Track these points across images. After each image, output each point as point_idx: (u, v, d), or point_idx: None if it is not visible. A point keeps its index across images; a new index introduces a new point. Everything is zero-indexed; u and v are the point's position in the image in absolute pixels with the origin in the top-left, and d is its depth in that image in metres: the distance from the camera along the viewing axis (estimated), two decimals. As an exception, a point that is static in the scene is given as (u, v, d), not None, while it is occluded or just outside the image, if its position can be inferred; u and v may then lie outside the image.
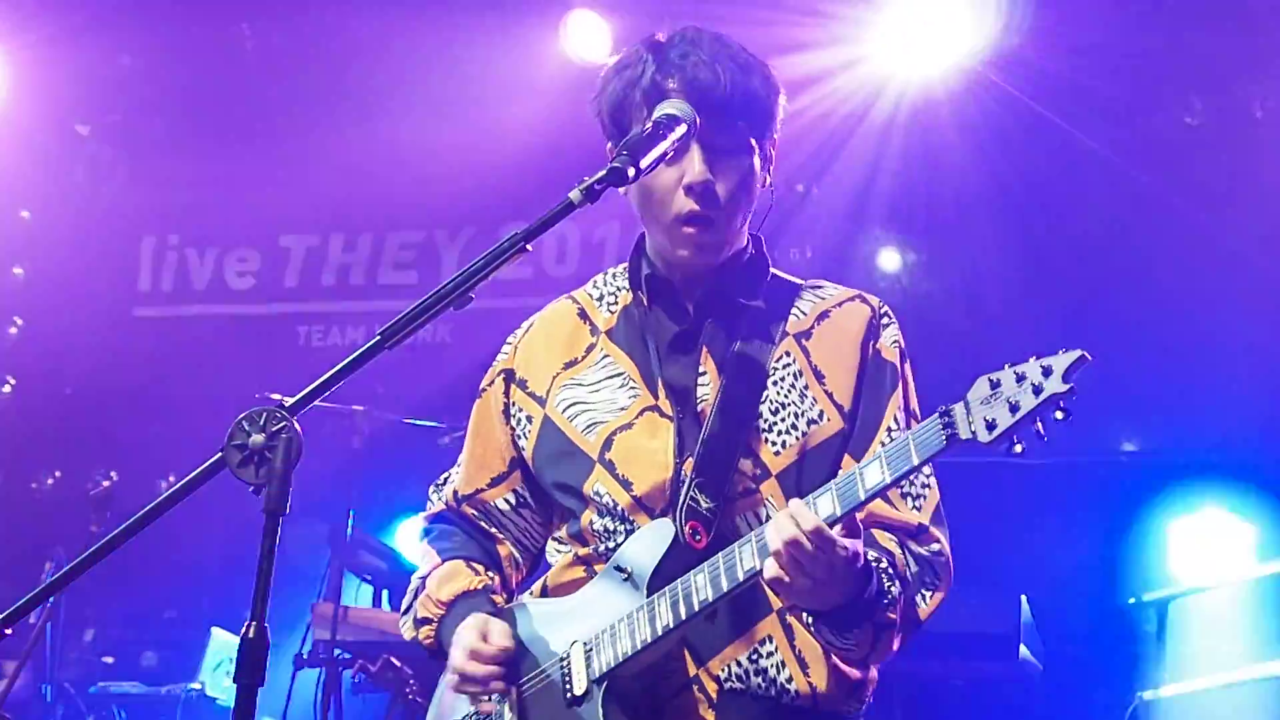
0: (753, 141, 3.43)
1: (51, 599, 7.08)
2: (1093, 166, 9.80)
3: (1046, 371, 2.83)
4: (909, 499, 3.35)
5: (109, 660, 11.17)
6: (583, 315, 3.62)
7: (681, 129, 3.25)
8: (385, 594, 9.75)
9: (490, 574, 3.57)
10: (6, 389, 12.08)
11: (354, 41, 10.50)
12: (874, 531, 3.28)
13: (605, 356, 3.51)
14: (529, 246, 3.00)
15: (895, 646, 3.26)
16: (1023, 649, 7.84)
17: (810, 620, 3.18)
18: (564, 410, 3.47)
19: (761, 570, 3.04)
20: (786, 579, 2.98)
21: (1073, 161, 9.81)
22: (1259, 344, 9.50)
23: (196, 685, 9.29)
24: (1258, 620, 8.84)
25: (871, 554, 3.17)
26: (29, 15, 10.42)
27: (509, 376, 3.64)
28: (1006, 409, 2.85)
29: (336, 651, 8.21)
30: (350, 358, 2.87)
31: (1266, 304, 9.46)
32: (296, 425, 2.70)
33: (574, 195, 3.05)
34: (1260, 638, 8.56)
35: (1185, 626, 8.74)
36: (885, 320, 3.51)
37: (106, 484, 9.70)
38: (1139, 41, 9.35)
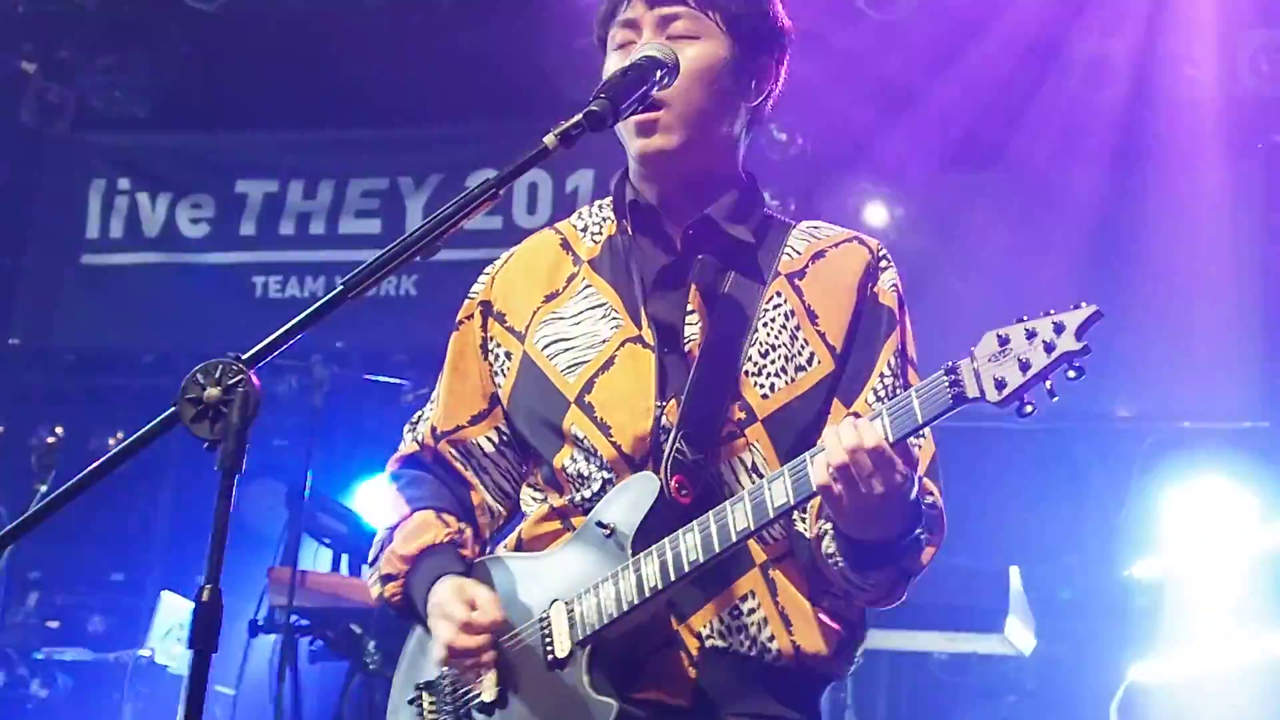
0: (715, 29, 3.41)
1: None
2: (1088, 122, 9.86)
3: (1059, 328, 2.81)
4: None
5: (54, 625, 11.16)
6: (565, 246, 3.59)
7: (661, 73, 3.24)
8: (345, 558, 9.76)
9: (461, 524, 3.53)
10: (-53, 340, 12.03)
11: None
12: None
13: (587, 286, 3.48)
14: (500, 193, 2.97)
15: (905, 593, 3.25)
16: (1012, 621, 7.86)
17: (833, 552, 3.17)
18: (544, 348, 3.44)
19: (799, 506, 3.06)
20: (840, 490, 2.96)
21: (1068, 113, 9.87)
22: (1257, 309, 9.58)
23: (145, 652, 9.28)
24: (1253, 595, 8.91)
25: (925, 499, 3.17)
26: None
27: (486, 309, 3.59)
28: (1017, 367, 2.83)
29: (294, 618, 8.20)
30: (311, 309, 2.83)
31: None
32: (254, 379, 2.68)
33: (549, 140, 3.01)
34: (1258, 615, 8.62)
35: (1179, 601, 8.79)
36: (884, 264, 3.48)
37: (51, 440, 9.69)
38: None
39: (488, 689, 3.28)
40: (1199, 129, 9.75)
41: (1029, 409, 2.85)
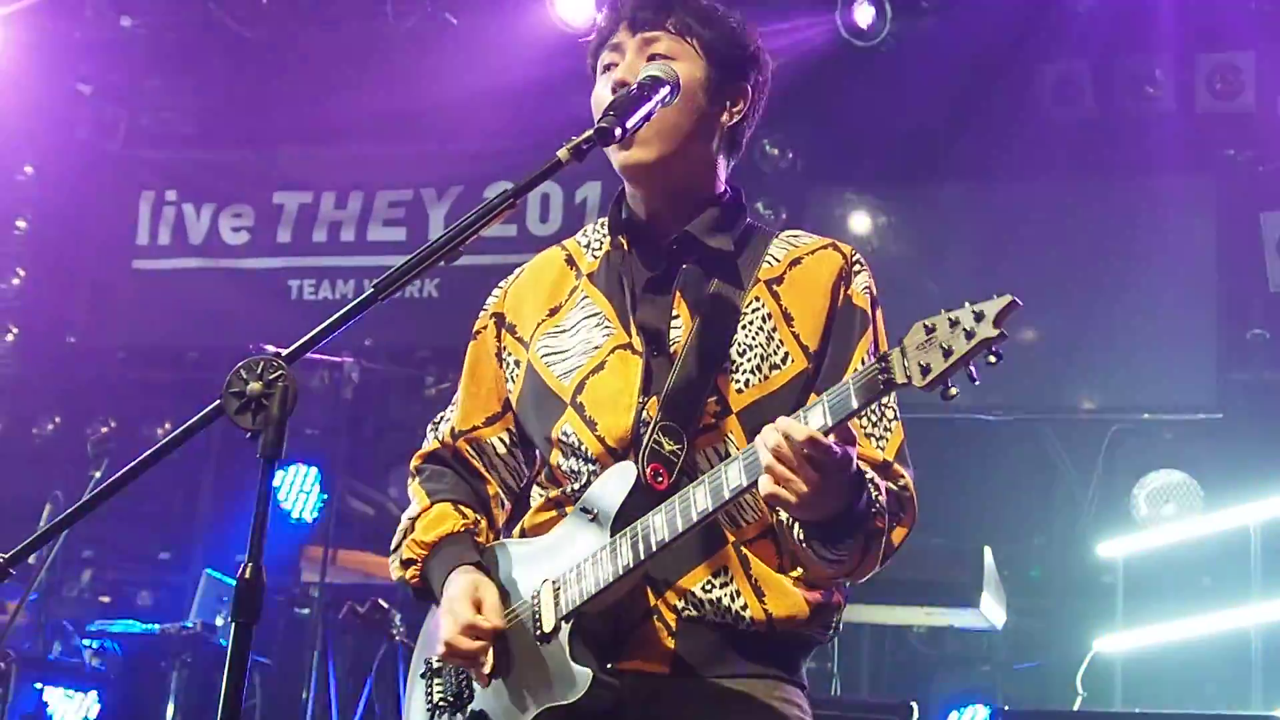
0: (693, 52, 3.42)
1: (52, 541, 7.08)
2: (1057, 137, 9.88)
3: (979, 317, 2.80)
4: (873, 439, 3.31)
5: (105, 600, 11.18)
6: (569, 261, 3.61)
7: (665, 90, 3.26)
8: (373, 538, 9.76)
9: (477, 515, 3.57)
10: (9, 338, 12.05)
11: (346, 7, 10.46)
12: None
13: (585, 298, 3.50)
14: (516, 203, 2.99)
15: (879, 560, 3.22)
16: (986, 597, 7.86)
17: (803, 537, 3.15)
18: (543, 356, 3.46)
19: (752, 487, 3.02)
20: (782, 492, 2.95)
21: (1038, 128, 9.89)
22: (1212, 310, 9.61)
23: (190, 625, 9.28)
24: (1210, 575, 8.91)
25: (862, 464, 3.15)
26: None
27: (499, 320, 3.62)
28: (940, 354, 2.82)
29: (326, 593, 8.21)
30: (344, 310, 2.84)
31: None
32: (293, 374, 2.69)
33: (562, 154, 3.04)
34: (1213, 592, 8.62)
35: (1142, 580, 8.78)
36: (857, 268, 3.46)
37: (105, 430, 9.72)
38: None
39: (486, 661, 3.31)
40: (1159, 143, 9.77)
41: (953, 392, 2.84)
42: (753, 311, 3.38)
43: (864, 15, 9.57)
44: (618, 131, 3.12)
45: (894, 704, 7.31)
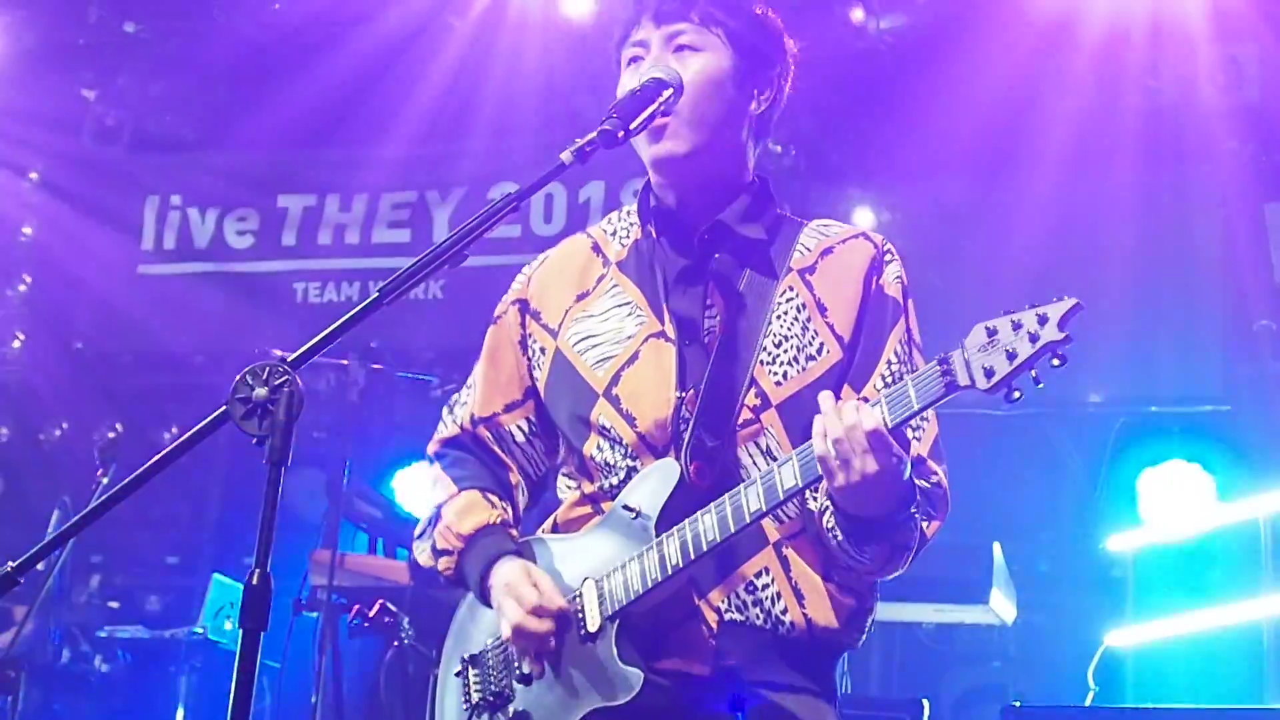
0: (719, 42, 3.43)
1: (60, 548, 7.09)
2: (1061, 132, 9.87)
3: (1042, 320, 2.81)
4: (909, 430, 3.29)
5: (114, 605, 11.19)
6: (596, 249, 3.60)
7: (668, 92, 3.28)
8: (380, 542, 9.76)
9: (505, 504, 3.55)
10: (16, 344, 12.06)
11: (349, 10, 10.45)
12: None
13: (615, 286, 3.49)
14: (520, 205, 3.00)
15: (903, 566, 3.26)
16: (996, 593, 7.85)
17: (832, 526, 3.17)
18: (575, 344, 3.45)
19: (807, 488, 3.07)
20: (836, 464, 2.98)
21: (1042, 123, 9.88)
22: (1217, 301, 9.61)
23: (198, 629, 9.29)
24: (1220, 568, 8.89)
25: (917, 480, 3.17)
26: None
27: (524, 307, 3.61)
28: (1004, 357, 2.83)
29: (334, 597, 8.21)
30: (350, 313, 2.85)
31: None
32: (298, 379, 2.69)
33: (565, 156, 3.06)
34: (1224, 585, 8.60)
35: (1152, 574, 8.77)
36: (888, 257, 3.47)
37: (112, 435, 9.69)
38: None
39: (527, 661, 3.30)
40: (1163, 136, 9.76)
41: (1016, 395, 2.85)
42: (786, 301, 3.37)
43: (858, 14, 9.58)
44: (620, 134, 3.14)
45: (905, 701, 7.31)
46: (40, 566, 7.60)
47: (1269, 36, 9.48)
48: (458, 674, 3.49)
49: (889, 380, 3.30)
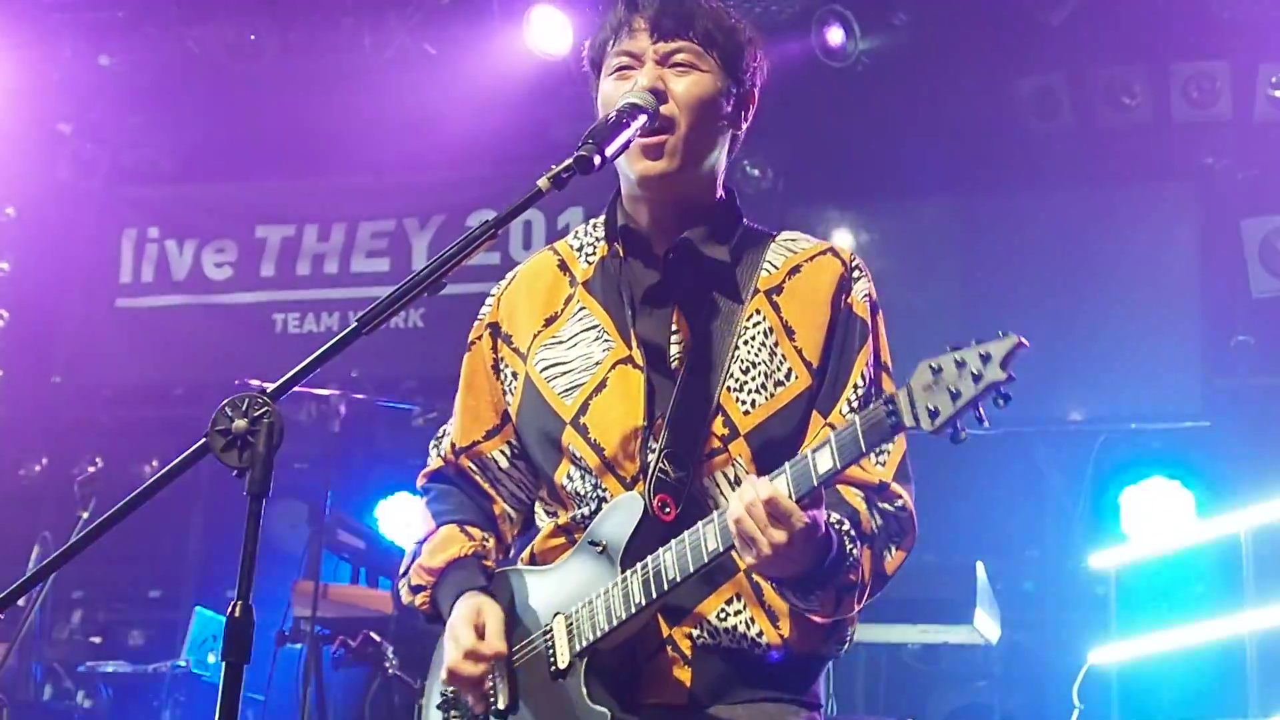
0: (713, 65, 3.38)
1: (41, 583, 7.05)
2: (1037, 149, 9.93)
3: (985, 359, 2.75)
4: (873, 455, 3.24)
5: (96, 640, 11.14)
6: (562, 266, 3.57)
7: (643, 119, 3.23)
8: (363, 571, 9.74)
9: (485, 535, 3.53)
10: (-6, 379, 12.02)
11: (326, 40, 10.46)
12: (839, 488, 3.22)
13: (581, 309, 3.45)
14: (499, 232, 2.98)
15: (860, 604, 3.20)
16: (980, 613, 7.85)
17: (775, 585, 3.15)
18: (542, 371, 3.42)
19: (726, 550, 3.02)
20: (748, 555, 2.95)
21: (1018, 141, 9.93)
22: (1195, 318, 9.65)
23: (182, 663, 9.25)
24: (1203, 583, 8.90)
25: (834, 517, 3.10)
26: (10, 20, 10.40)
27: (494, 330, 3.58)
28: (948, 397, 2.78)
29: (317, 628, 8.18)
30: (329, 344, 2.83)
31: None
32: (278, 410, 2.68)
33: (542, 183, 3.03)
34: (1207, 600, 8.61)
35: (1135, 590, 8.78)
36: (857, 274, 3.44)
37: (92, 469, 9.67)
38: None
39: (501, 696, 3.29)
40: (1138, 153, 9.81)
41: (963, 435, 2.81)
42: (753, 325, 3.33)
43: (835, 36, 9.63)
44: (597, 160, 3.08)
45: (891, 722, 7.30)
46: (21, 603, 7.57)
47: (1238, 51, 9.54)
48: (439, 706, 3.47)
49: (854, 405, 3.27)
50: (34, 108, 11.20)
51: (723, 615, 3.22)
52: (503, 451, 3.56)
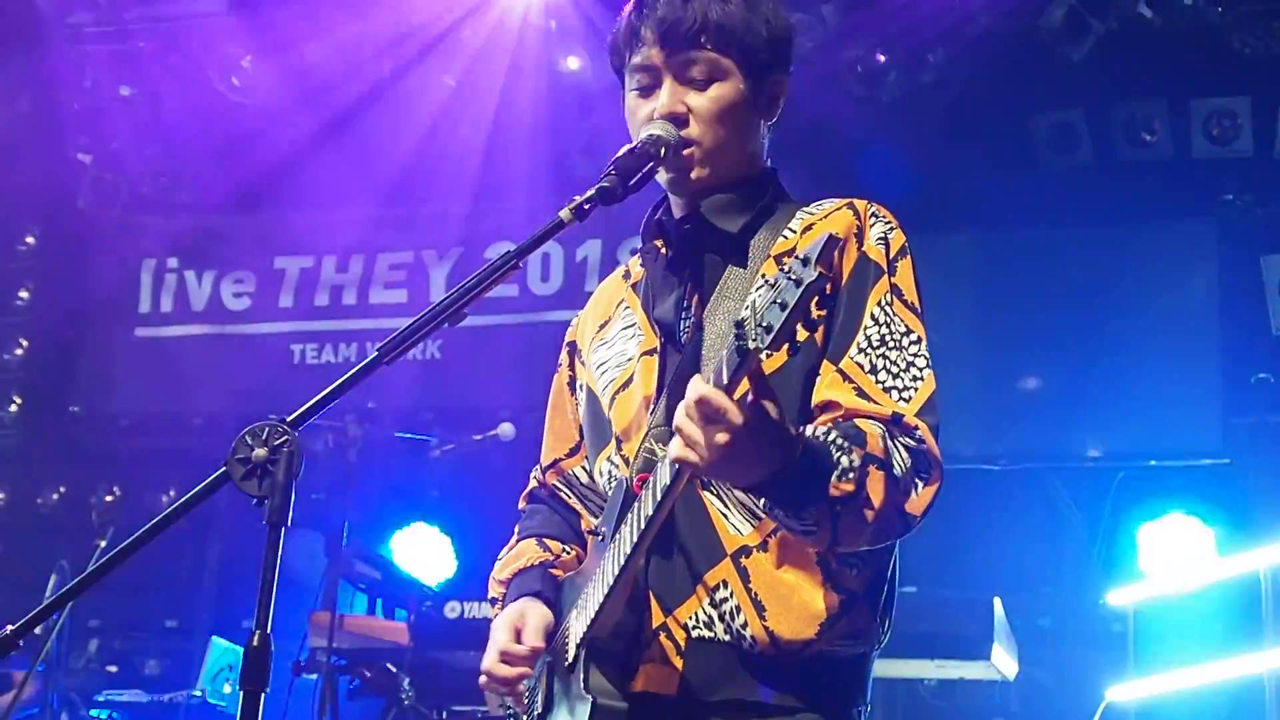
0: (732, 67, 3.29)
1: (59, 612, 7.06)
2: (1056, 185, 9.93)
3: (805, 261, 2.63)
4: (893, 392, 3.09)
5: (112, 669, 11.14)
6: (626, 275, 3.56)
7: (665, 150, 3.19)
8: (380, 602, 9.72)
9: (565, 548, 3.51)
10: (13, 408, 12.05)
11: (343, 71, 10.51)
12: (857, 422, 3.02)
13: (626, 308, 3.45)
14: (518, 264, 2.98)
15: (871, 534, 2.98)
16: (997, 648, 7.82)
17: (764, 505, 2.99)
18: (595, 374, 3.42)
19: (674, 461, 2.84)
20: (689, 454, 2.76)
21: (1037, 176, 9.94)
22: (1215, 354, 9.64)
23: (198, 693, 9.24)
24: (1221, 621, 8.87)
25: (819, 430, 2.96)
26: (31, 50, 10.48)
27: (572, 349, 3.60)
28: (778, 310, 2.62)
29: (333, 659, 8.18)
30: (349, 373, 2.84)
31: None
32: (298, 439, 2.68)
33: (564, 214, 3.02)
34: (1225, 638, 8.57)
35: (1153, 628, 8.74)
36: (872, 220, 3.33)
37: (110, 498, 9.70)
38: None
39: (539, 698, 3.30)
40: (1158, 189, 9.81)
41: (802, 336, 2.65)
42: (756, 290, 3.08)
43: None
44: (619, 191, 3.07)
45: (908, 758, 7.28)
46: (38, 631, 7.58)
47: (1260, 87, 9.55)
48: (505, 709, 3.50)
49: (865, 348, 3.13)
50: (55, 137, 11.26)
51: (714, 603, 3.11)
52: (584, 468, 3.54)
